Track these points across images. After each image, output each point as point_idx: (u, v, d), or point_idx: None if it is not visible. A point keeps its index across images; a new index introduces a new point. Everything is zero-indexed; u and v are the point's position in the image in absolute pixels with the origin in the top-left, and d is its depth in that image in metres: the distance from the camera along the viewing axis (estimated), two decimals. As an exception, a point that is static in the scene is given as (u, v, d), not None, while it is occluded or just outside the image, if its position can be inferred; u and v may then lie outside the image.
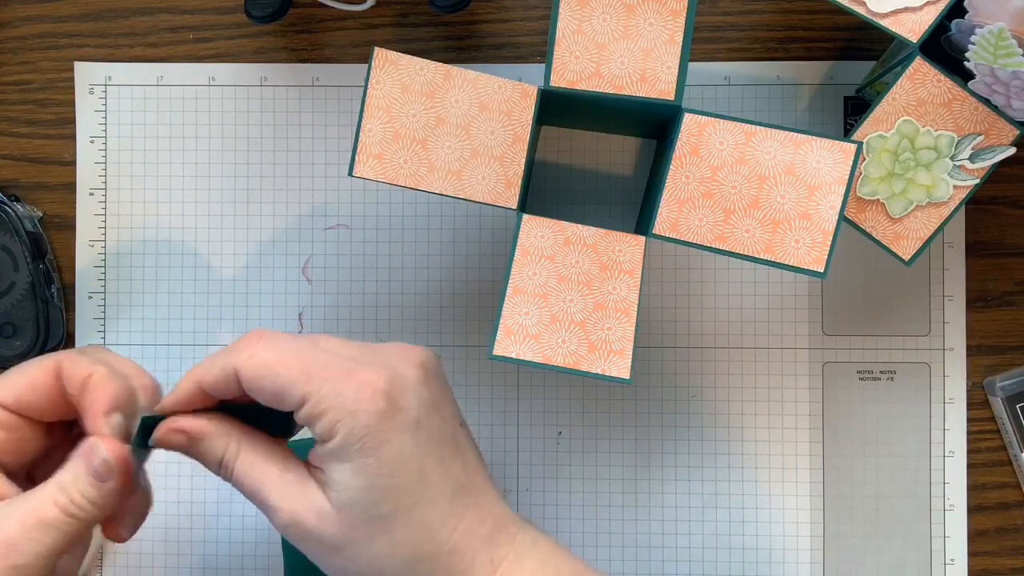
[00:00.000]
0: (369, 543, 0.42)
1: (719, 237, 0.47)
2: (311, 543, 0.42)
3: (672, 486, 0.59)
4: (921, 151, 0.50)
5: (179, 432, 0.43)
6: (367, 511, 0.41)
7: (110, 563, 0.59)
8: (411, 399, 0.42)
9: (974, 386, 0.59)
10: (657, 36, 0.47)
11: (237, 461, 0.43)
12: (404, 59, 0.47)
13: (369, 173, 0.47)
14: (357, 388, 0.41)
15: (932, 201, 0.50)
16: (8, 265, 0.58)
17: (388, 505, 0.41)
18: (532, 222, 0.48)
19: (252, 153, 0.60)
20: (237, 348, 0.42)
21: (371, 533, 0.42)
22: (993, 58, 0.46)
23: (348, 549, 0.42)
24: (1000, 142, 0.50)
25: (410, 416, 0.42)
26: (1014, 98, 0.48)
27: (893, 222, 0.50)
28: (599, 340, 0.47)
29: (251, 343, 0.42)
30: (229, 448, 0.43)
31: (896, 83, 0.49)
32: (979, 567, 0.59)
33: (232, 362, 0.41)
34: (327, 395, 0.41)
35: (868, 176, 0.50)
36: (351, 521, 0.41)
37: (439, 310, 0.59)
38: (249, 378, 0.41)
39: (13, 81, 0.60)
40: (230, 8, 0.60)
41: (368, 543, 0.42)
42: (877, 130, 0.50)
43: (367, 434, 0.41)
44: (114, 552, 0.60)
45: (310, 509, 0.41)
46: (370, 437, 0.41)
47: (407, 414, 0.42)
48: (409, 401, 0.42)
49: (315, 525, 0.41)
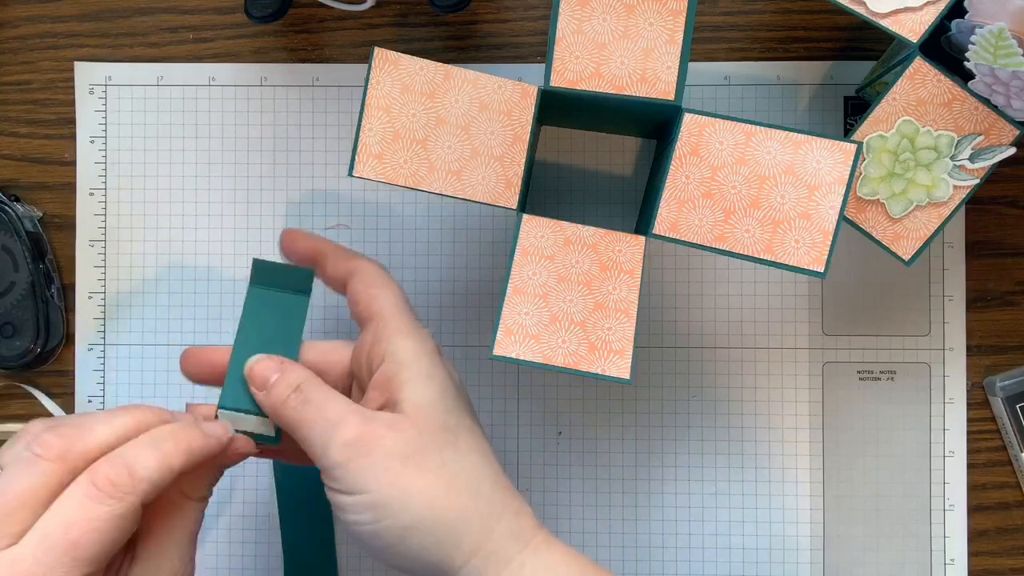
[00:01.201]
0: (439, 452, 0.43)
1: (719, 237, 0.47)
2: (377, 456, 0.43)
3: (672, 486, 0.59)
4: (921, 151, 0.50)
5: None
6: (439, 417, 0.44)
7: (110, 563, 0.59)
8: (450, 364, 0.48)
9: (974, 386, 0.59)
10: (657, 36, 0.47)
11: (315, 385, 0.45)
12: (404, 59, 0.47)
13: (369, 173, 0.47)
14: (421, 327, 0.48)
15: (932, 201, 0.50)
16: (8, 265, 0.58)
17: (454, 417, 0.45)
18: (532, 222, 0.48)
19: (252, 153, 0.60)
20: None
21: (441, 443, 0.44)
22: (993, 58, 0.46)
23: (416, 459, 0.43)
24: (1000, 142, 0.50)
25: (453, 370, 0.48)
26: (1014, 98, 0.48)
27: (893, 222, 0.50)
28: (599, 340, 0.47)
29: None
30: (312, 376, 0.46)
31: (896, 83, 0.49)
32: (979, 567, 0.59)
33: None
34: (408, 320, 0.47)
35: (868, 176, 0.50)
36: (423, 426, 0.44)
37: (439, 310, 0.59)
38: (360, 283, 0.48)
39: (13, 81, 0.60)
40: (230, 8, 0.60)
41: (438, 452, 0.43)
42: (877, 130, 0.50)
43: (432, 354, 0.46)
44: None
45: (378, 419, 0.44)
46: (435, 357, 0.46)
47: (451, 367, 0.48)
48: (449, 364, 0.48)
49: (385, 433, 0.43)
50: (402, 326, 0.46)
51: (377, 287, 0.48)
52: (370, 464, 0.42)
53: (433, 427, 0.44)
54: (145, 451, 0.41)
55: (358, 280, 0.48)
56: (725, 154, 0.47)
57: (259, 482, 0.59)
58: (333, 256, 0.50)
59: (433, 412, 0.44)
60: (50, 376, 0.60)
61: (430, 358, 0.46)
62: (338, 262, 0.49)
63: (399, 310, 0.47)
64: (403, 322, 0.46)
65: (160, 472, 0.41)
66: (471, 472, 0.44)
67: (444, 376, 0.46)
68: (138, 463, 0.40)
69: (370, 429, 0.43)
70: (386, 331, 0.46)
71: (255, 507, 0.59)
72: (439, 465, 0.43)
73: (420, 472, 0.43)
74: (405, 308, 0.47)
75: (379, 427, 0.43)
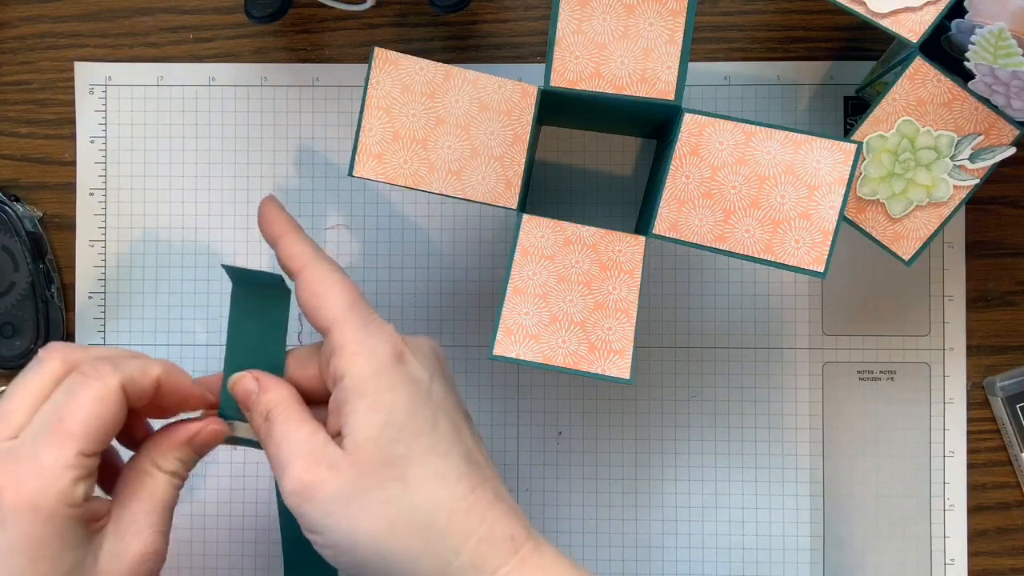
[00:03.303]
0: (382, 489, 0.42)
1: (719, 237, 0.47)
2: (318, 502, 0.42)
3: (672, 486, 0.59)
4: (921, 151, 0.50)
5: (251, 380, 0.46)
6: (382, 451, 0.42)
7: (110, 563, 0.59)
8: (424, 362, 0.45)
9: (974, 386, 0.59)
10: (657, 36, 0.47)
11: (282, 413, 0.44)
12: (404, 59, 0.47)
13: (369, 173, 0.47)
14: (379, 330, 0.44)
15: (932, 201, 0.50)
16: (8, 265, 0.58)
17: (403, 446, 0.42)
18: (532, 222, 0.48)
19: (252, 153, 0.60)
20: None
21: (384, 479, 0.42)
22: (993, 58, 0.46)
23: (357, 502, 0.41)
24: (1000, 142, 0.50)
25: (423, 373, 0.44)
26: (1014, 98, 0.48)
27: (893, 222, 0.50)
28: (599, 340, 0.47)
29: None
30: (284, 400, 0.45)
31: (896, 83, 0.49)
32: (979, 567, 0.59)
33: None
34: (355, 329, 0.43)
35: (868, 176, 0.50)
36: (364, 464, 0.42)
37: (439, 310, 0.59)
38: (303, 291, 0.45)
39: (13, 81, 0.60)
40: (230, 8, 0.60)
41: (380, 490, 0.42)
42: (877, 130, 0.50)
43: (384, 370, 0.43)
44: (114, 552, 0.60)
45: (323, 461, 0.42)
46: (387, 374, 0.43)
47: (419, 370, 0.44)
48: (422, 362, 0.45)
49: (325, 477, 0.42)
50: (350, 340, 0.43)
51: (323, 289, 0.45)
52: (313, 510, 0.42)
53: (375, 463, 0.42)
54: (130, 358, 0.44)
55: (303, 282, 0.45)
56: (725, 154, 0.47)
57: (259, 482, 0.59)
58: (285, 245, 0.47)
59: (375, 446, 0.42)
60: (50, 376, 0.60)
61: (379, 378, 0.43)
62: (290, 255, 0.47)
63: (349, 316, 0.44)
64: (352, 335, 0.43)
65: (140, 371, 0.43)
66: (422, 506, 0.42)
67: (394, 398, 0.43)
68: (121, 360, 0.43)
69: (312, 475, 0.42)
70: (336, 346, 0.44)
71: (255, 507, 0.59)
72: (383, 504, 0.42)
73: (362, 514, 0.42)
74: (356, 312, 0.44)
75: (321, 471, 0.42)
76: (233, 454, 0.59)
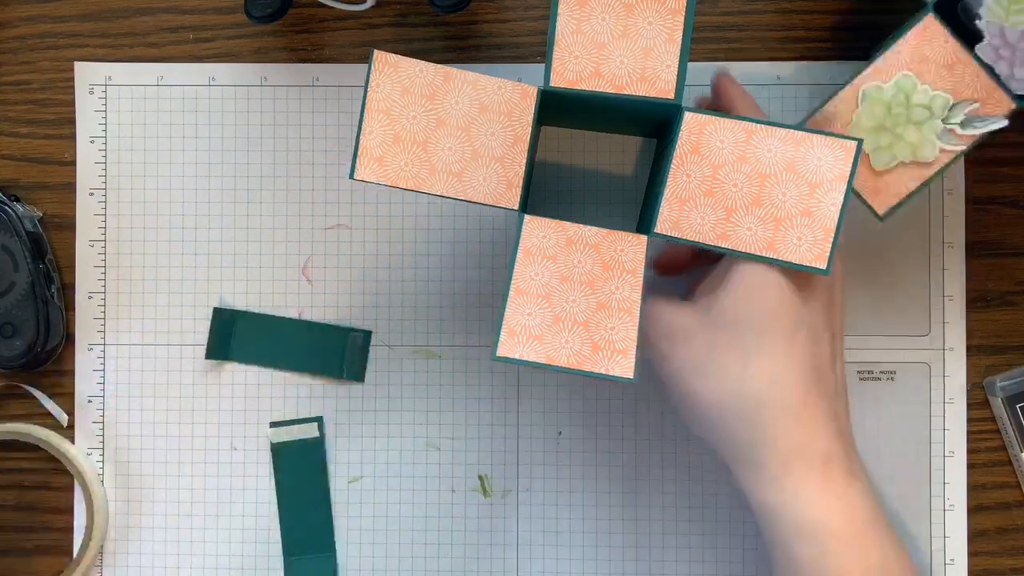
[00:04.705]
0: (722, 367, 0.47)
1: (721, 235, 0.47)
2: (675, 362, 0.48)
3: (672, 486, 0.59)
4: (915, 108, 0.50)
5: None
6: (733, 336, 0.47)
7: (110, 563, 0.59)
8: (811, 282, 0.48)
9: (974, 386, 0.59)
10: (657, 35, 0.47)
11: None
12: (404, 61, 0.47)
13: (370, 176, 0.47)
14: None
15: (916, 160, 0.50)
16: (8, 265, 0.58)
17: (753, 337, 0.46)
18: (534, 222, 0.48)
19: (252, 153, 0.60)
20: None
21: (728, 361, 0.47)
22: (1006, 14, 0.46)
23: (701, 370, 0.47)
24: (995, 113, 0.50)
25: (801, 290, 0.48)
26: (1018, 66, 0.48)
27: (874, 175, 0.51)
28: (602, 340, 0.47)
29: None
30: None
31: (903, 35, 0.49)
32: (979, 567, 0.59)
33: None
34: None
35: (859, 124, 0.50)
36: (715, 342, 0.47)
37: (439, 310, 0.59)
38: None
39: (13, 81, 0.60)
40: (230, 8, 0.60)
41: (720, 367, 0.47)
42: (876, 80, 0.50)
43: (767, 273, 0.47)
44: (114, 553, 0.59)
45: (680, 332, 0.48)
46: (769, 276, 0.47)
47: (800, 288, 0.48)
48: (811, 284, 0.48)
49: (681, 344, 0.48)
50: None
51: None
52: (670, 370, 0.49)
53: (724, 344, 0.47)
54: None
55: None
56: (726, 152, 0.47)
57: (259, 482, 0.59)
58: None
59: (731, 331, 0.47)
60: (50, 376, 0.60)
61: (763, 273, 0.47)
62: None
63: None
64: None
65: None
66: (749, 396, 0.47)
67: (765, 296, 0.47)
68: None
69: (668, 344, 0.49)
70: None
71: (255, 507, 0.59)
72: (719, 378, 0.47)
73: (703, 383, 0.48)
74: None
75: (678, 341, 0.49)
76: (233, 454, 0.59)
